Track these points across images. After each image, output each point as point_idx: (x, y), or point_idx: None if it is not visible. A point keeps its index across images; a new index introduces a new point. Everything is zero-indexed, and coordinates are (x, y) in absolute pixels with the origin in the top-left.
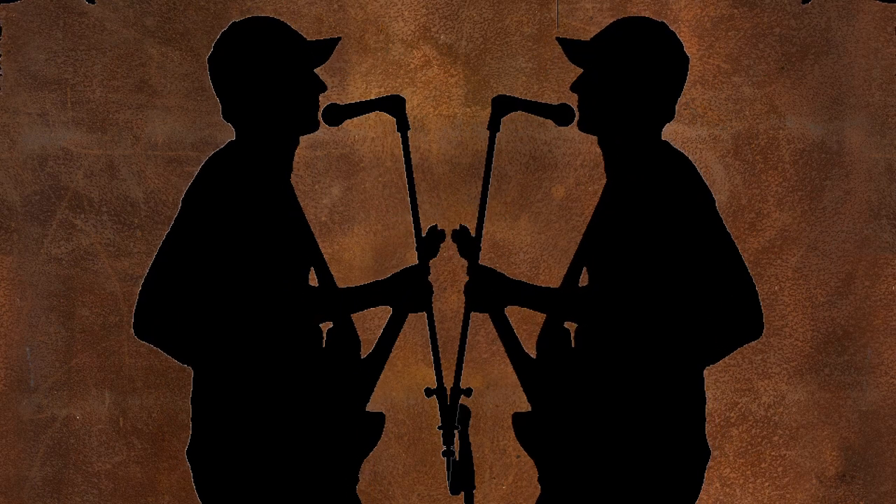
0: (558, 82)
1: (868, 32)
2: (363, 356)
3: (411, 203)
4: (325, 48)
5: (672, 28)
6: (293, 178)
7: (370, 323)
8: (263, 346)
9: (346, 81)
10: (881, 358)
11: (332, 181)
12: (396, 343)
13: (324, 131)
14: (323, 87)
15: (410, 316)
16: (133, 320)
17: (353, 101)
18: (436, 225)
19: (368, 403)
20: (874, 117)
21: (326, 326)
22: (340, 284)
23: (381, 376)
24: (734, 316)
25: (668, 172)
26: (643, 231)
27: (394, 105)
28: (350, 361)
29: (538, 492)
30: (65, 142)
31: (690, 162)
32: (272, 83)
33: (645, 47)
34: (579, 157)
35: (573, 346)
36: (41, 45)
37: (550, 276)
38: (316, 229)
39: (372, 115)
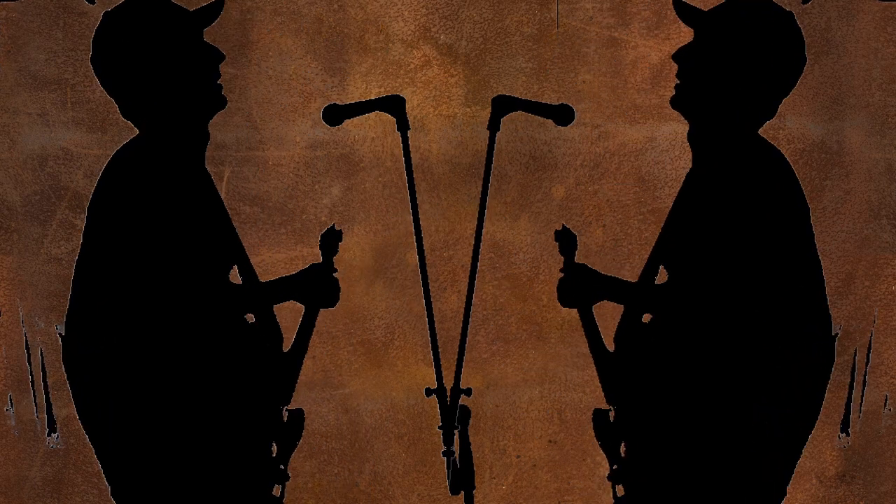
0: (558, 82)
1: (868, 32)
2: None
3: (411, 203)
4: (210, 11)
5: (672, 28)
6: (293, 178)
7: (370, 323)
8: (182, 339)
9: (346, 81)
10: (881, 358)
11: (332, 181)
12: (396, 343)
13: (324, 131)
14: (219, 56)
15: (410, 316)
16: (62, 352)
17: (353, 101)
18: (334, 225)
19: (364, 403)
20: (874, 117)
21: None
22: (341, 284)
23: (382, 376)
24: (803, 345)
25: (766, 171)
26: (730, 230)
27: (394, 105)
28: (269, 356)
29: (538, 492)
30: (65, 142)
31: (788, 162)
32: (158, 65)
33: (771, 32)
34: (579, 157)
35: (649, 340)
36: (41, 45)
37: (550, 275)
38: (316, 229)
39: (372, 115)
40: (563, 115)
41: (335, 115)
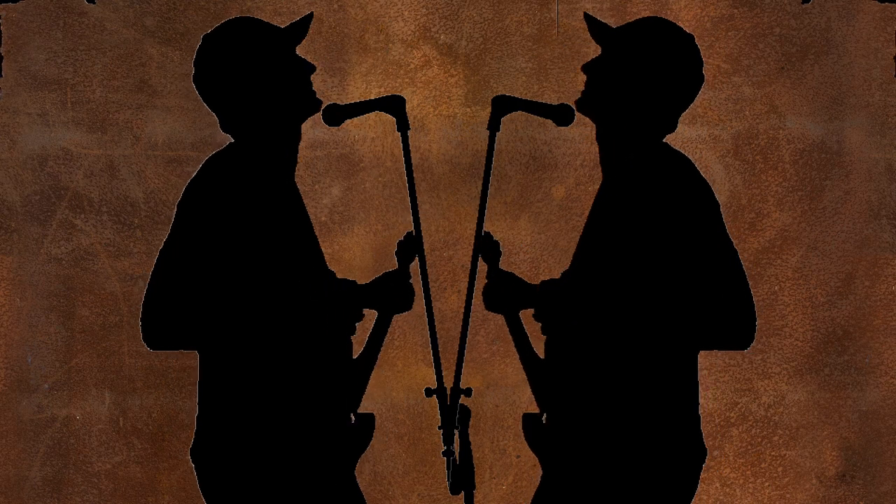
0: (558, 82)
1: (868, 32)
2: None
3: (411, 203)
4: (300, 28)
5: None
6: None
7: (370, 323)
8: (269, 345)
9: (346, 81)
10: (881, 358)
11: (332, 181)
12: (396, 343)
13: (324, 131)
14: (311, 68)
15: (410, 316)
16: (142, 332)
17: (353, 101)
18: (411, 232)
19: (364, 403)
20: (874, 117)
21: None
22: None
23: (382, 376)
24: (726, 323)
25: (669, 173)
26: (641, 232)
27: (394, 105)
28: (344, 363)
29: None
30: (65, 142)
31: (692, 163)
32: (260, 81)
33: (671, 52)
34: (579, 157)
35: (574, 346)
36: (41, 45)
37: (550, 275)
38: (316, 229)
39: (372, 115)
40: (563, 115)
41: (335, 115)
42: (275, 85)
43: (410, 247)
